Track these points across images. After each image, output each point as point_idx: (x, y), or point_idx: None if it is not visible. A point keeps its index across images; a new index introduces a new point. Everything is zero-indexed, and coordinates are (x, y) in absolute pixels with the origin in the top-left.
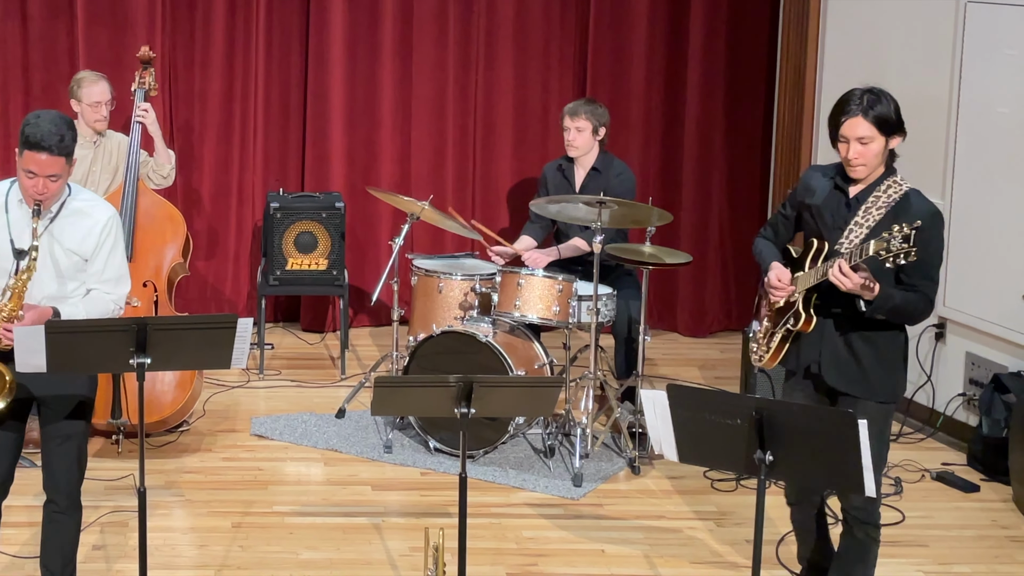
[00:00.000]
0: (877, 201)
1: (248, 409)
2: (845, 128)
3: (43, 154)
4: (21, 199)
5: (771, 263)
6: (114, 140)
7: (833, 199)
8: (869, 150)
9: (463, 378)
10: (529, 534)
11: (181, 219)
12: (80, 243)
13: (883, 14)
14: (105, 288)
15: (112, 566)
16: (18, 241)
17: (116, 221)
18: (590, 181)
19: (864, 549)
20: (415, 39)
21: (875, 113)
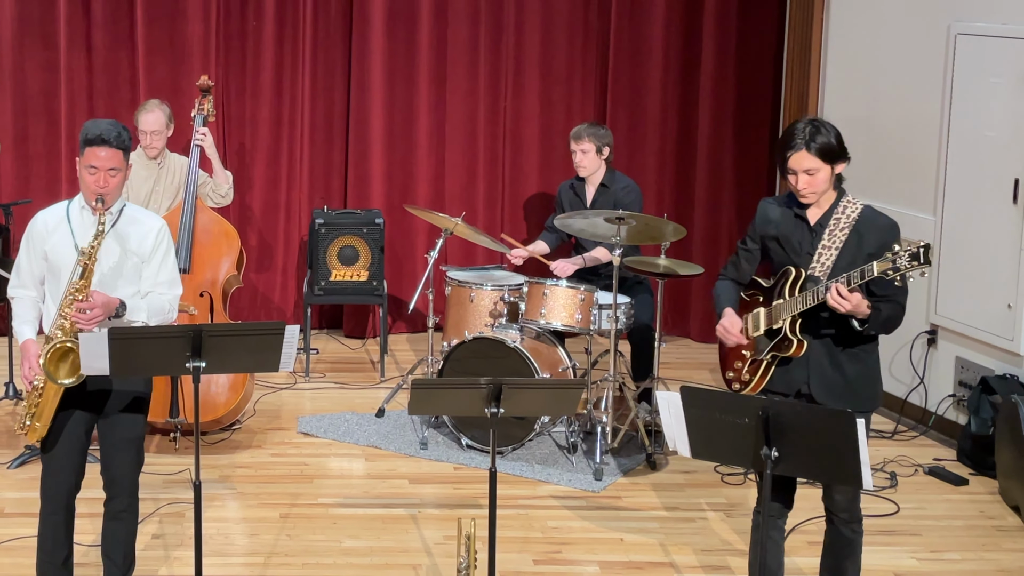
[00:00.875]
0: (839, 223)
1: (295, 409)
2: (792, 162)
3: (103, 149)
4: (83, 206)
5: (725, 307)
6: (176, 162)
7: (795, 227)
8: (817, 179)
9: (493, 380)
10: (554, 524)
11: (236, 235)
12: (139, 244)
13: (879, 45)
14: (160, 290)
15: (170, 554)
16: (81, 243)
17: (167, 230)
18: (599, 196)
19: (851, 543)
20: (448, 68)
21: (817, 145)
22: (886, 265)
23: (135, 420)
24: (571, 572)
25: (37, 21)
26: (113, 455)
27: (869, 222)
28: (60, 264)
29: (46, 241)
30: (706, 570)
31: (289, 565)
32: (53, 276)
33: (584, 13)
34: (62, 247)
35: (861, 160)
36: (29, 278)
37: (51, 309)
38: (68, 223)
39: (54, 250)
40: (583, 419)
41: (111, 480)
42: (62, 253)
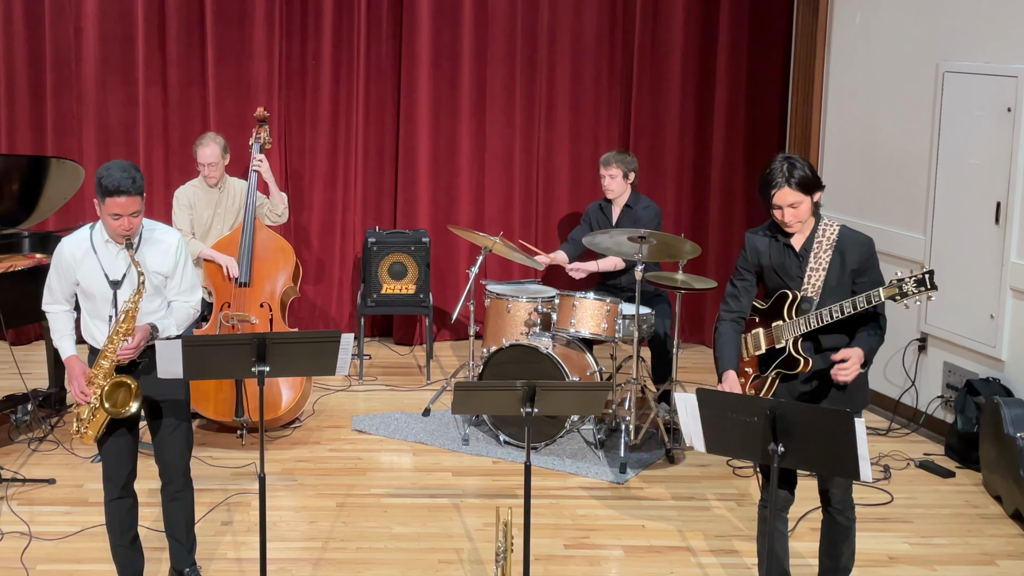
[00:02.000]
0: (821, 245)
1: (350, 409)
2: (776, 199)
3: (122, 197)
4: (106, 240)
5: (726, 371)
6: (235, 186)
7: (783, 255)
8: (800, 211)
9: (528, 383)
10: (582, 512)
11: (291, 250)
12: (161, 263)
13: (874, 81)
14: (183, 297)
15: (237, 539)
16: (111, 274)
17: (183, 242)
18: (624, 215)
19: (846, 530)
20: (487, 103)
21: (796, 180)
22: (892, 291)
23: (179, 412)
24: (598, 556)
25: (118, 60)
26: (164, 444)
27: (848, 241)
28: (93, 290)
29: (76, 271)
30: (717, 554)
31: (344, 549)
32: (88, 299)
33: (609, 53)
34: (93, 277)
35: (858, 184)
36: (60, 295)
37: (87, 323)
38: (95, 255)
39: (86, 279)
40: (609, 418)
41: (165, 466)
42: (94, 282)
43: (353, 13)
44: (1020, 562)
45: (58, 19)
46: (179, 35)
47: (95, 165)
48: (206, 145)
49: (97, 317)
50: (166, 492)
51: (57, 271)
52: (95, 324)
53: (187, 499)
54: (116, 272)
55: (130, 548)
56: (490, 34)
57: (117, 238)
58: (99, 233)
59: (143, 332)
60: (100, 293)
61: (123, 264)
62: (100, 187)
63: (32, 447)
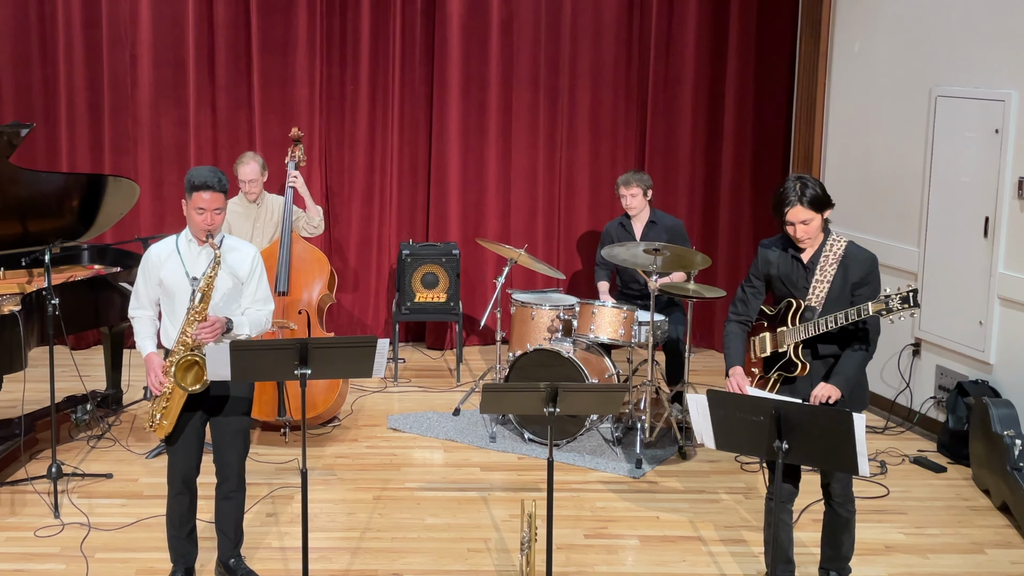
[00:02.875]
0: (828, 259)
1: (385, 409)
2: (789, 216)
3: (207, 192)
4: (189, 240)
5: (733, 367)
6: (273, 201)
7: (792, 266)
8: (811, 227)
9: (550, 385)
10: (601, 504)
11: (326, 260)
12: (239, 268)
13: (872, 105)
14: (257, 306)
15: (281, 529)
16: (192, 271)
17: (259, 256)
18: (648, 231)
19: (846, 522)
20: (513, 125)
21: (808, 199)
22: (880, 307)
23: (242, 417)
24: (616, 545)
25: (171, 85)
26: (225, 445)
27: (853, 257)
28: (174, 289)
29: (160, 270)
30: (726, 543)
31: (380, 539)
32: (168, 298)
33: (626, 79)
34: (175, 275)
35: (857, 200)
36: (146, 300)
37: (167, 326)
38: (179, 255)
39: (168, 278)
40: (625, 417)
41: (223, 465)
42: (175, 280)
43: (389, 42)
44: (1007, 551)
45: (115, 47)
46: (227, 62)
47: (149, 183)
48: (246, 163)
49: (176, 317)
50: (220, 490)
51: (144, 274)
52: (173, 325)
53: (239, 499)
54: (196, 270)
55: (187, 540)
56: (516, 62)
57: (200, 234)
58: (183, 237)
59: (220, 319)
60: (180, 290)
61: (203, 263)
62: (189, 184)
63: (91, 444)
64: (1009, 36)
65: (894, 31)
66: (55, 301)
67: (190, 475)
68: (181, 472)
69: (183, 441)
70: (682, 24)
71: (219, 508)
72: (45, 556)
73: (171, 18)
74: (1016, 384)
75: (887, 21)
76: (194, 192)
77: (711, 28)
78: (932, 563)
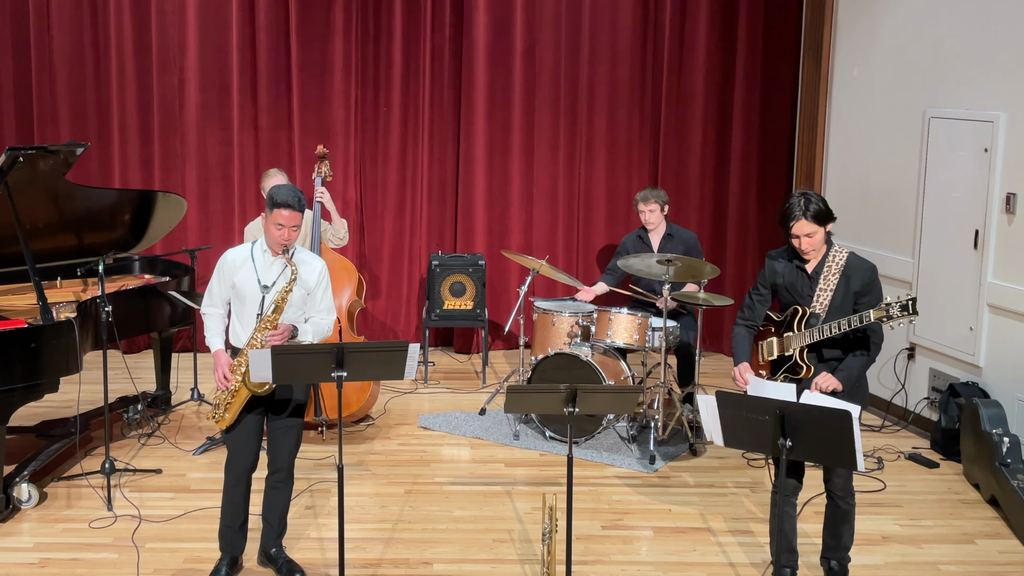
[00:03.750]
0: (830, 269)
1: (416, 408)
2: (794, 229)
3: (287, 210)
4: (264, 250)
5: (740, 362)
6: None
7: (796, 276)
8: (815, 240)
9: (570, 386)
10: (617, 498)
11: (353, 268)
12: (308, 280)
13: (870, 125)
14: (321, 315)
15: (319, 521)
16: (263, 279)
17: (326, 269)
18: (666, 243)
19: (847, 514)
20: (535, 144)
21: (812, 213)
22: (880, 314)
23: (297, 416)
24: (631, 535)
25: (216, 107)
26: (279, 440)
27: (854, 267)
28: (245, 293)
29: (235, 274)
30: (735, 534)
31: (411, 530)
32: (239, 301)
33: (640, 101)
34: (248, 281)
35: (855, 214)
36: (219, 299)
37: (236, 326)
38: (253, 262)
39: (241, 283)
40: (640, 417)
41: (275, 458)
42: (248, 285)
43: (419, 66)
44: (996, 541)
45: (164, 72)
46: (269, 85)
47: (196, 199)
48: (272, 177)
49: (245, 319)
50: (270, 480)
51: (219, 274)
52: (241, 326)
53: (287, 491)
54: (267, 278)
55: (238, 531)
56: (537, 85)
57: (276, 247)
58: (259, 247)
59: (287, 327)
60: (251, 295)
61: (274, 273)
62: (271, 201)
63: (142, 441)
64: (998, 61)
65: (890, 57)
66: (108, 308)
67: (247, 469)
68: (239, 465)
69: (243, 436)
70: (692, 50)
71: (267, 497)
72: (99, 546)
73: (216, 44)
74: (1004, 386)
75: (883, 47)
76: (275, 209)
77: (720, 53)
78: (926, 552)
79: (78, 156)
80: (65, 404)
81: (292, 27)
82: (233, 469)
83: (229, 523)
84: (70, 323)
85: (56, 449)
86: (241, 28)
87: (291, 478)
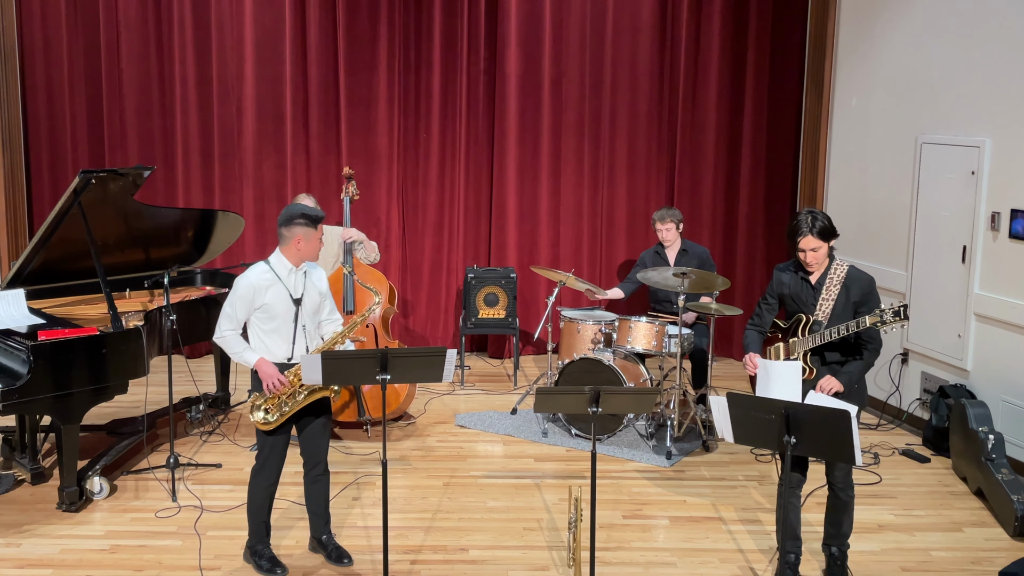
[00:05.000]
0: (832, 280)
1: (453, 408)
2: (801, 244)
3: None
4: (290, 269)
5: (749, 352)
6: (332, 232)
7: (801, 287)
8: (819, 254)
9: (593, 388)
10: (636, 490)
11: (384, 277)
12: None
13: (867, 150)
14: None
15: (364, 511)
16: (294, 293)
17: None
18: (681, 258)
19: (846, 505)
20: (562, 167)
21: (817, 230)
22: (875, 319)
23: (328, 413)
24: (649, 524)
25: (271, 134)
26: (315, 437)
27: (854, 278)
28: (278, 310)
29: (264, 295)
30: (744, 523)
31: (449, 519)
32: (271, 318)
33: (658, 129)
34: (280, 299)
35: (854, 231)
36: (238, 321)
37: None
38: (280, 281)
39: (273, 301)
40: (657, 416)
41: (311, 455)
42: (281, 302)
43: (456, 96)
44: (981, 529)
45: (224, 102)
46: (319, 114)
47: (253, 217)
48: (304, 200)
49: (277, 334)
50: (309, 475)
51: (243, 300)
52: (273, 340)
53: (326, 481)
54: (297, 292)
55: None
56: (564, 114)
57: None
58: (283, 265)
59: None
60: (284, 310)
61: (300, 286)
62: (307, 218)
63: (203, 439)
64: (983, 92)
65: (885, 88)
66: (173, 317)
67: (281, 469)
68: (278, 466)
69: (279, 440)
70: (705, 83)
71: (309, 491)
72: (164, 534)
73: (272, 77)
74: (989, 388)
75: (879, 80)
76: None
77: (730, 85)
78: (918, 539)
79: (145, 178)
80: (133, 404)
81: (340, 61)
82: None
83: (266, 519)
84: (138, 331)
85: (125, 445)
86: (294, 62)
87: (327, 469)
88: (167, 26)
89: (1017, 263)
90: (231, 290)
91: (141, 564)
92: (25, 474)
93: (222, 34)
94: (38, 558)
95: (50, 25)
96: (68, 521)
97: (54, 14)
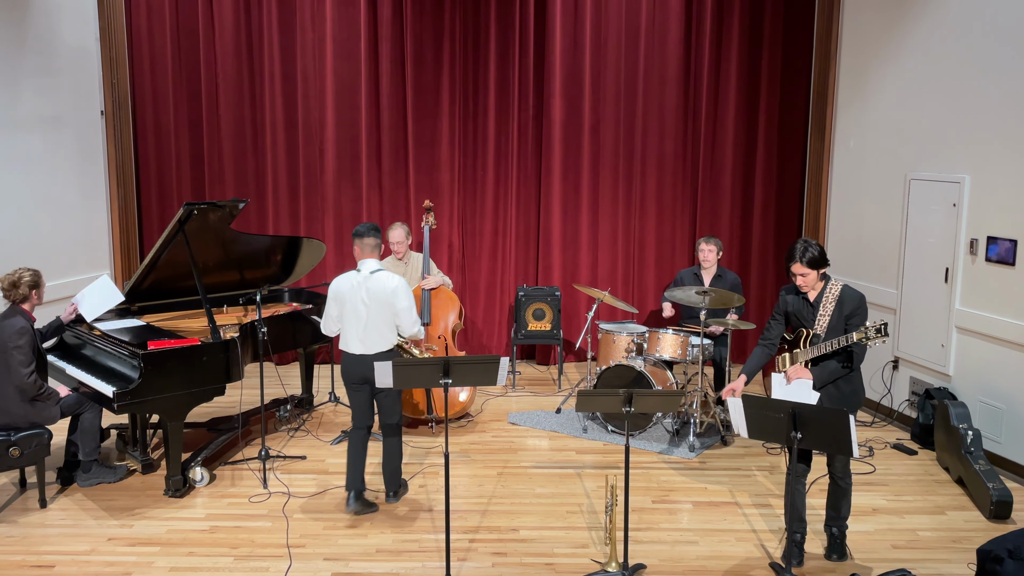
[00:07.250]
0: (827, 299)
1: (506, 408)
2: (792, 269)
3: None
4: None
5: (740, 375)
6: (415, 258)
7: (802, 305)
8: (809, 279)
9: (627, 391)
10: (664, 479)
11: (455, 297)
12: None
13: (863, 184)
14: None
15: (431, 497)
16: None
17: None
18: (715, 281)
19: (845, 492)
20: (600, 200)
21: (807, 259)
22: (860, 335)
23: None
24: (675, 508)
25: (349, 171)
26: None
27: (846, 296)
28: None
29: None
30: (757, 507)
31: (502, 504)
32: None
33: (683, 168)
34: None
35: (852, 254)
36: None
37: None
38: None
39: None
40: (682, 415)
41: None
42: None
43: (509, 139)
44: (962, 512)
45: (308, 143)
46: (390, 154)
47: (333, 243)
48: (395, 229)
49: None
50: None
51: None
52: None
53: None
54: None
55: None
56: (601, 154)
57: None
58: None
59: None
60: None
61: None
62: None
63: (290, 434)
64: (964, 135)
65: (878, 132)
66: (264, 329)
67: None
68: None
69: None
70: (724, 127)
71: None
72: (257, 516)
73: (349, 122)
74: (969, 390)
75: (873, 125)
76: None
77: (745, 130)
78: (907, 521)
79: (240, 210)
80: (230, 405)
81: (408, 108)
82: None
83: None
84: (233, 341)
85: (223, 440)
86: (368, 109)
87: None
88: (259, 78)
89: (993, 283)
90: None
91: (236, 542)
92: (137, 465)
93: (307, 86)
94: (148, 537)
95: (159, 78)
96: (173, 505)
97: (162, 68)
